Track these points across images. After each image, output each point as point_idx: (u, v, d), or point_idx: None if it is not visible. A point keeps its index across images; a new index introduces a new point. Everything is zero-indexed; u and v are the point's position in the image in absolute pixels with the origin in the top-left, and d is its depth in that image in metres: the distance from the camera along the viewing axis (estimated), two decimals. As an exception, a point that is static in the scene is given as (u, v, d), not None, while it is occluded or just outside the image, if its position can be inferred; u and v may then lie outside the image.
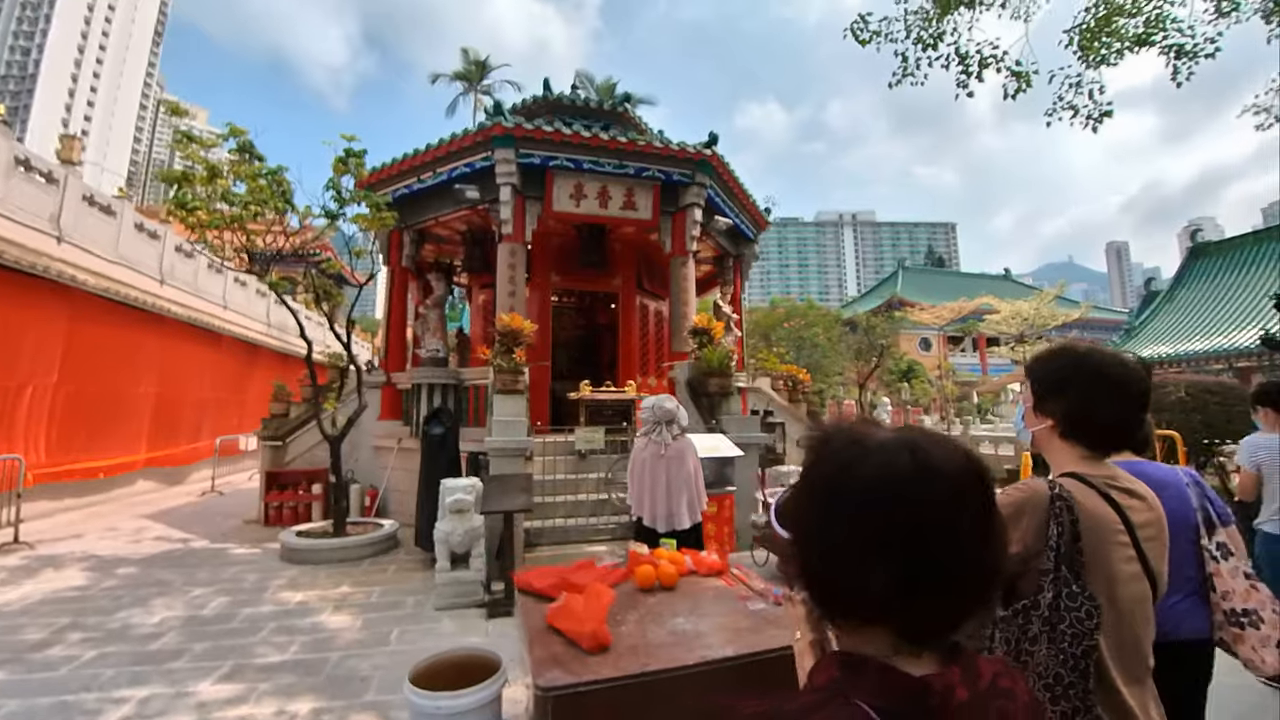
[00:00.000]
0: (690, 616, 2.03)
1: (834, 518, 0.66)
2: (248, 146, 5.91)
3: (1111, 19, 6.64)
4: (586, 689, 1.54)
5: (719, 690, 1.68)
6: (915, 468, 0.65)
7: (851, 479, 0.67)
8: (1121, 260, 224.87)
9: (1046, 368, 1.40)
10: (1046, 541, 1.17)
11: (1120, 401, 1.29)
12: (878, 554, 0.62)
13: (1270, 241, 16.60)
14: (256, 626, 4.21)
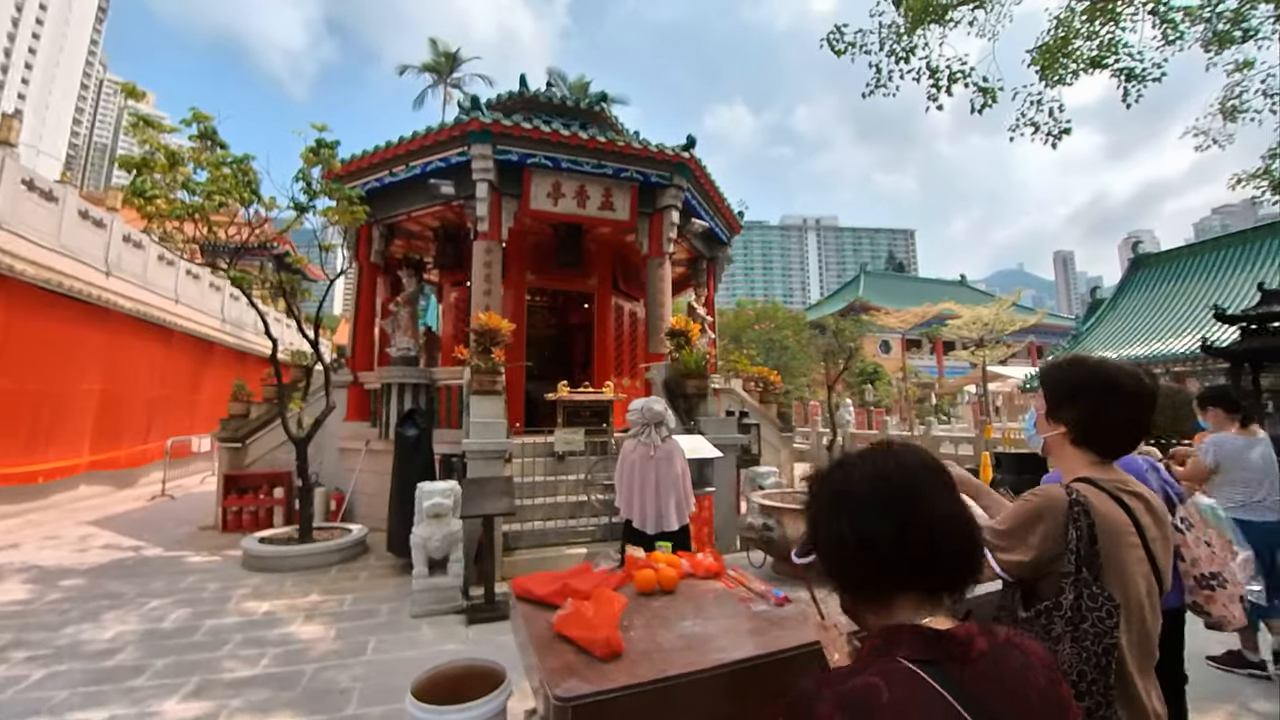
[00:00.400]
0: (697, 620, 2.03)
1: (840, 516, 0.87)
2: (210, 133, 5.62)
3: (1070, 41, 6.97)
4: (606, 697, 1.52)
5: (734, 693, 1.69)
6: (896, 467, 0.88)
7: (848, 490, 0.88)
8: (1068, 268, 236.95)
9: (1060, 377, 1.45)
10: (1066, 545, 1.22)
11: (1131, 410, 1.35)
12: (876, 531, 0.83)
13: (1203, 255, 17.83)
14: (222, 639, 4.00)
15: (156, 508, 9.06)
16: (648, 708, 1.58)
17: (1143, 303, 18.12)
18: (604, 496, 6.27)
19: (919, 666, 0.72)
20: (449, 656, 3.65)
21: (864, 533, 0.83)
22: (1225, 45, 6.92)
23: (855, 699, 0.70)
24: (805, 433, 18.34)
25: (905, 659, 0.73)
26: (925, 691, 0.69)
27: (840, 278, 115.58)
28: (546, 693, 1.55)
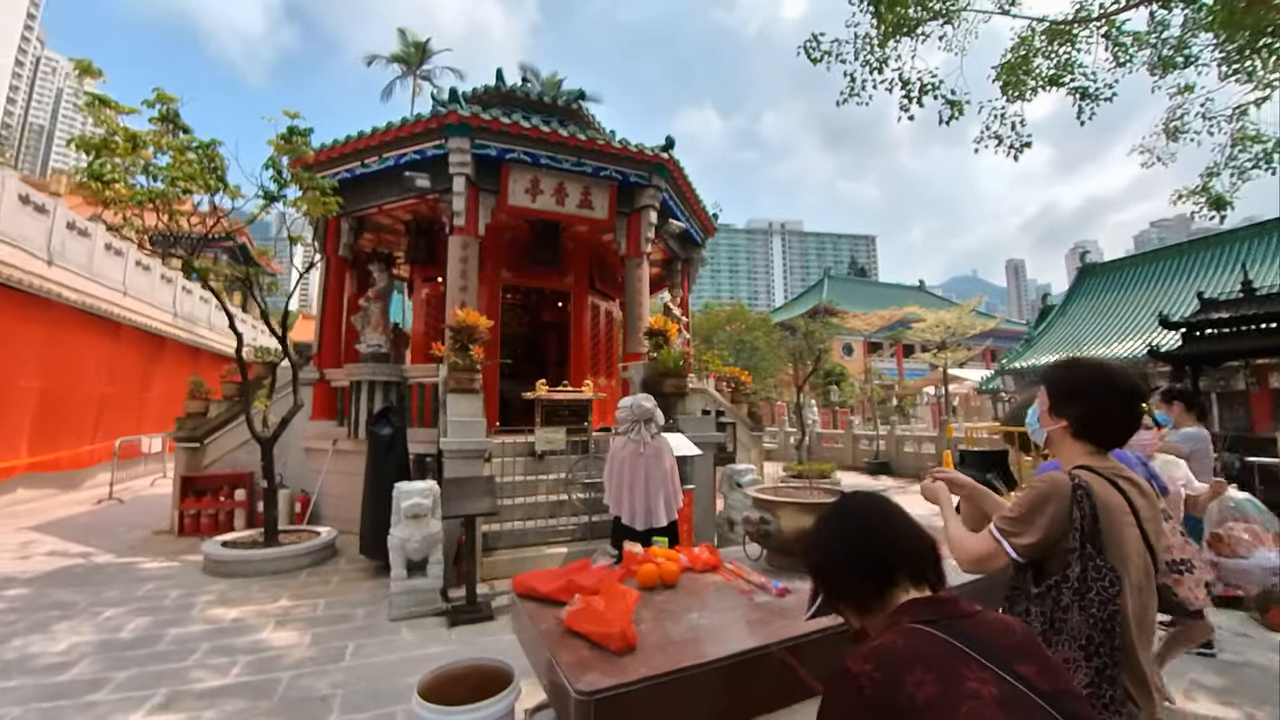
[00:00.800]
0: (703, 612, 2.05)
1: (838, 541, 1.13)
2: (172, 116, 5.35)
3: (1031, 59, 7.31)
4: (627, 690, 1.52)
5: (744, 681, 1.71)
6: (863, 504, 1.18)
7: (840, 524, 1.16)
8: (1019, 276, 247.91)
9: (1064, 377, 1.57)
10: (1071, 523, 1.34)
11: (1127, 407, 1.48)
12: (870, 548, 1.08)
13: (1145, 265, 19.01)
14: (188, 648, 3.81)
15: (104, 511, 8.56)
16: (665, 699, 1.59)
17: (1090, 309, 19.17)
18: (584, 495, 6.25)
19: (922, 625, 0.90)
20: (434, 660, 3.58)
21: (859, 551, 1.09)
22: (1169, 70, 7.38)
23: (878, 651, 0.87)
24: (773, 432, 18.66)
25: (910, 622, 0.92)
26: (931, 639, 0.87)
27: (804, 281, 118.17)
28: (566, 687, 1.54)
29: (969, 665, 0.81)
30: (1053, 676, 0.85)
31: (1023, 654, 0.86)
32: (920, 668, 0.80)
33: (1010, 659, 0.83)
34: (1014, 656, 0.84)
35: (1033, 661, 0.85)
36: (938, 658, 0.82)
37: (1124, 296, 18.36)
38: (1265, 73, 7.04)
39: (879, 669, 0.82)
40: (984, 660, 0.82)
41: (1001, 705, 0.76)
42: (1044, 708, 0.78)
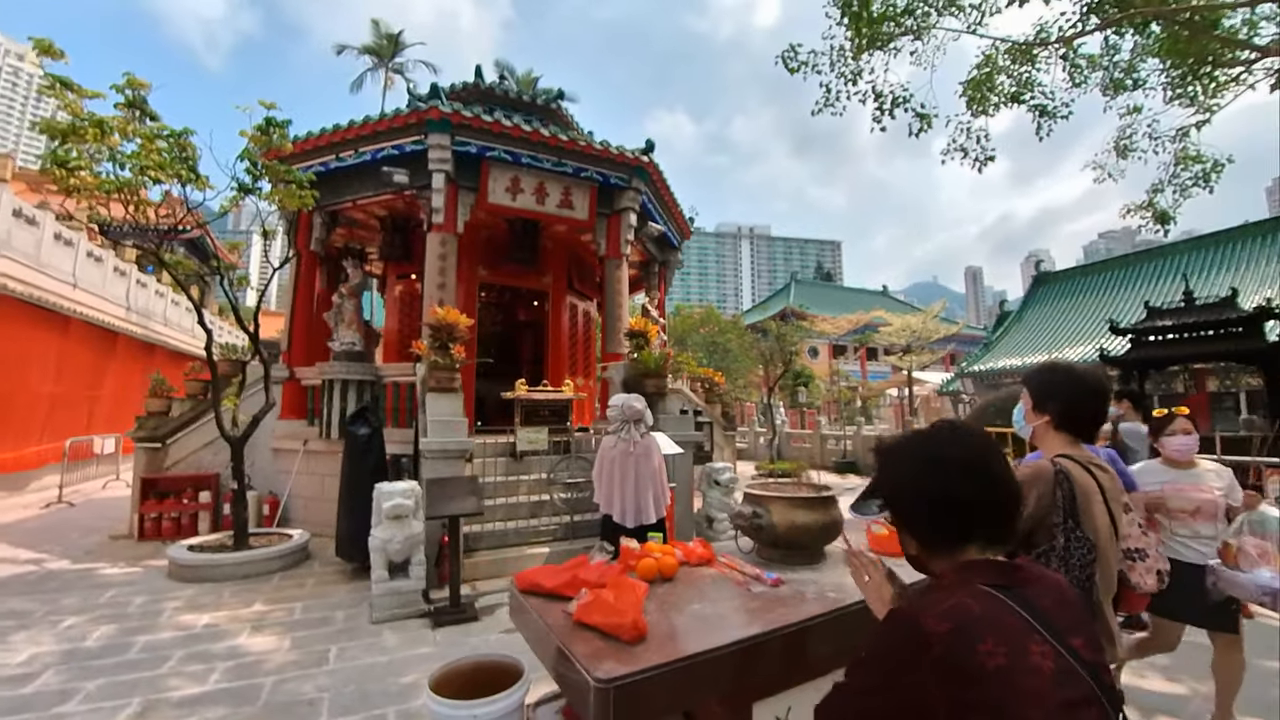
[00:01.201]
0: (704, 602, 2.12)
1: (929, 469, 1.05)
2: (139, 102, 5.14)
3: (994, 76, 7.67)
4: (643, 677, 1.57)
5: (750, 666, 1.79)
6: (956, 424, 1.12)
7: (932, 443, 1.09)
8: (977, 282, 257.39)
9: (1044, 379, 1.83)
10: (1055, 502, 1.58)
11: (1097, 403, 1.74)
12: (960, 489, 1.01)
13: (1096, 274, 20.11)
14: (161, 656, 3.68)
15: (53, 515, 8.12)
16: (677, 684, 1.65)
17: (1045, 315, 20.13)
18: (566, 495, 6.26)
19: (994, 589, 0.92)
20: (421, 661, 3.58)
21: (953, 493, 1.02)
22: (1120, 91, 7.85)
23: (954, 613, 0.88)
24: (743, 432, 18.96)
25: (982, 584, 0.94)
26: (1002, 606, 0.90)
27: (772, 285, 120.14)
28: (584, 676, 1.58)
29: (1033, 638, 0.86)
30: (1095, 649, 0.93)
31: (1076, 627, 0.93)
32: (993, 638, 0.83)
33: (1066, 632, 0.89)
34: (1069, 630, 0.90)
35: (1082, 634, 0.93)
36: (1009, 630, 0.86)
37: (1076, 303, 19.36)
38: (1205, 98, 7.57)
39: (955, 632, 0.84)
40: (1045, 634, 0.87)
41: (1057, 679, 0.83)
42: (1087, 680, 0.86)
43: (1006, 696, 0.80)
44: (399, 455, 6.51)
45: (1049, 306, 20.30)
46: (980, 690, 0.81)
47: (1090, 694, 0.86)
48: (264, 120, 5.29)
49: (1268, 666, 3.41)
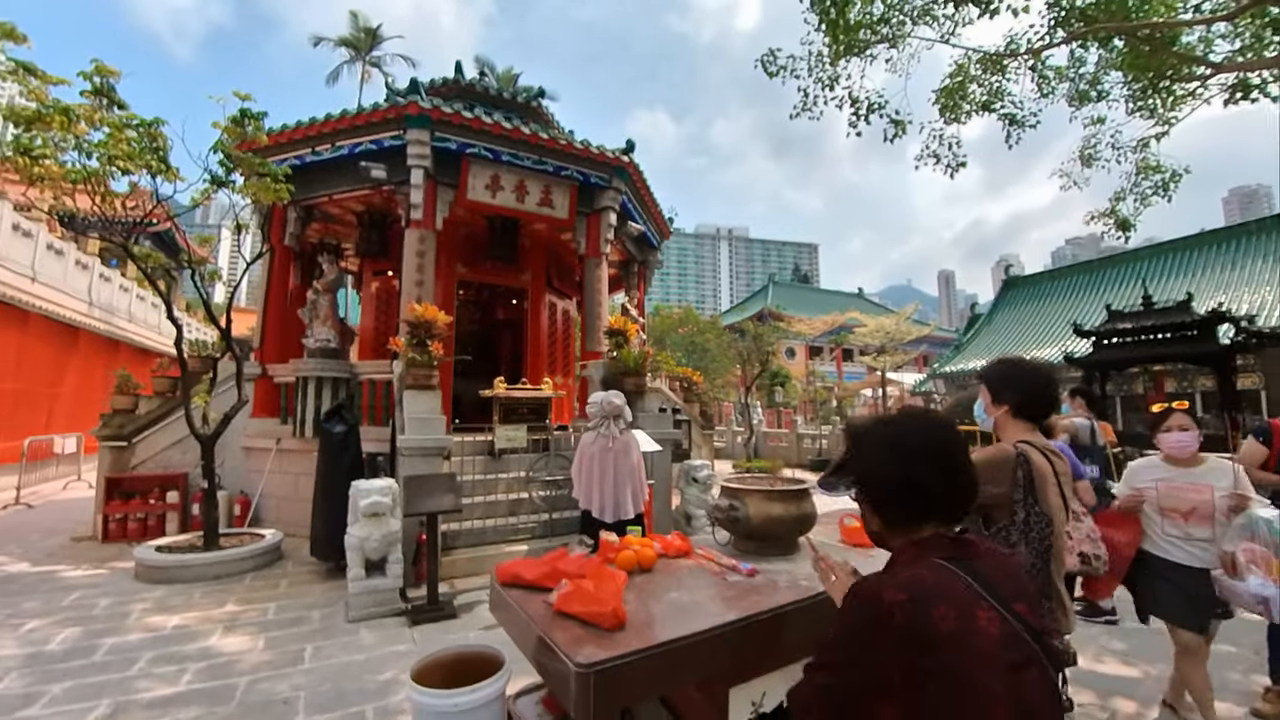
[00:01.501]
0: (681, 591, 2.17)
1: (894, 454, 1.13)
2: (107, 90, 5.01)
3: (966, 85, 7.90)
4: (623, 661, 1.62)
5: (725, 651, 1.85)
6: (925, 413, 1.21)
7: (898, 429, 1.17)
8: (949, 286, 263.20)
9: (1000, 373, 1.99)
10: (1016, 482, 1.73)
11: (1050, 389, 1.91)
12: (924, 474, 1.09)
13: (1062, 279, 20.82)
14: (129, 658, 3.60)
15: (11, 517, 7.81)
16: (655, 669, 1.70)
17: (1013, 318, 20.75)
18: (545, 493, 6.27)
19: (947, 562, 1.02)
20: (399, 659, 3.57)
21: (917, 478, 1.10)
22: (1084, 102, 8.15)
23: (910, 584, 0.97)
24: (721, 431, 19.12)
25: (937, 558, 1.03)
26: (952, 576, 0.99)
27: (750, 286, 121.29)
28: (565, 662, 1.62)
29: (980, 604, 0.95)
30: (1039, 615, 1.02)
31: (1019, 594, 1.02)
32: (945, 604, 0.93)
33: (1010, 599, 0.98)
34: (1013, 597, 1.00)
35: (1026, 600, 1.02)
36: (958, 596, 0.95)
37: (1043, 307, 20.01)
38: (1164, 110, 7.90)
39: (912, 602, 0.93)
40: (992, 601, 0.96)
41: (1002, 642, 0.92)
42: (1030, 643, 0.95)
43: (959, 659, 0.88)
44: (375, 454, 6.44)
45: (1017, 310, 20.94)
46: (935, 656, 0.89)
47: (1033, 655, 0.94)
48: (239, 111, 5.19)
49: (1221, 651, 3.60)
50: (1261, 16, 6.54)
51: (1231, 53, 7.16)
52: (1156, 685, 3.25)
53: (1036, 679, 0.93)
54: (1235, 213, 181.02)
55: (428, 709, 1.90)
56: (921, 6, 7.21)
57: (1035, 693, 0.92)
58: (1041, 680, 0.94)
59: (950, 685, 0.88)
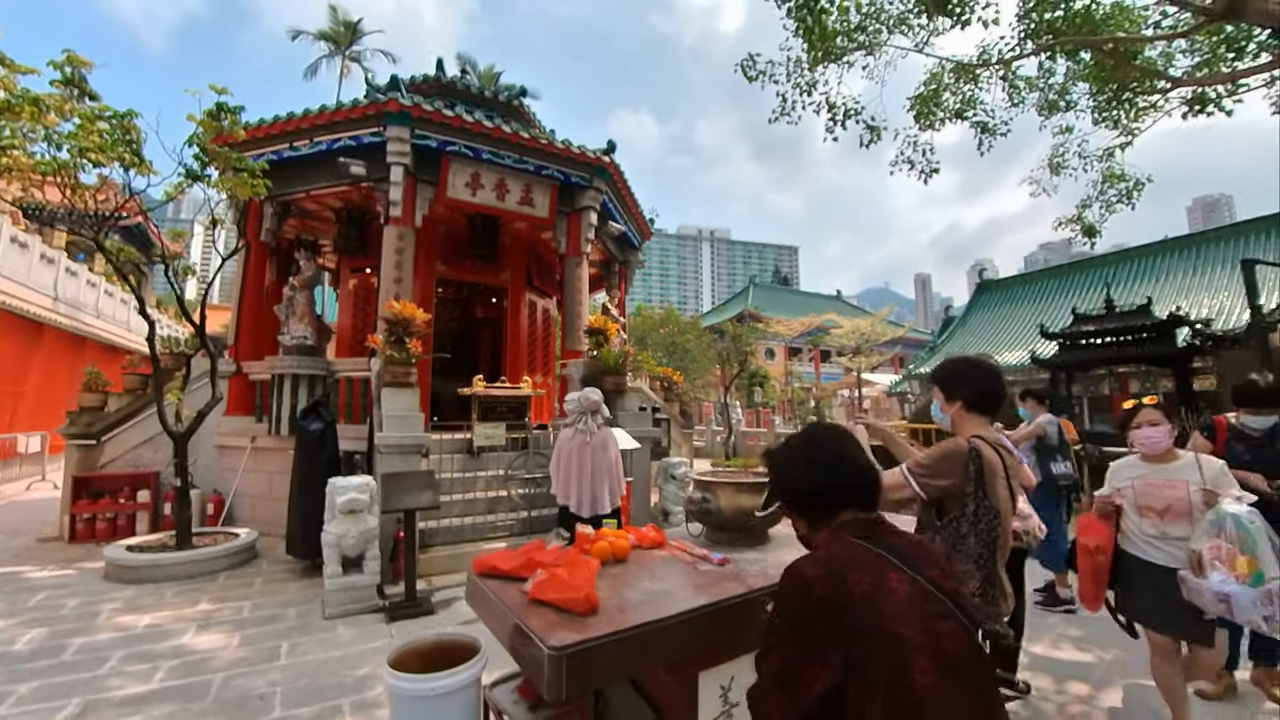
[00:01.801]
0: (654, 580, 2.24)
1: (794, 464, 1.37)
2: (78, 80, 4.91)
3: (940, 93, 8.11)
4: (594, 644, 1.68)
5: (695, 635, 1.92)
6: (835, 437, 1.39)
7: (793, 445, 1.41)
8: (926, 289, 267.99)
9: (952, 370, 2.11)
10: (968, 476, 1.82)
11: (998, 382, 2.03)
12: (833, 475, 1.30)
13: (1032, 283, 21.41)
14: (99, 657, 3.55)
15: (-30, 519, 7.60)
16: (626, 651, 1.77)
17: (986, 321, 21.26)
18: (524, 491, 6.30)
19: (860, 540, 1.16)
20: (377, 654, 3.59)
21: (829, 482, 1.31)
22: (1053, 112, 8.43)
23: (826, 559, 1.13)
24: (701, 430, 19.28)
25: (850, 538, 1.18)
26: (865, 551, 1.13)
27: (731, 287, 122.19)
28: (539, 645, 1.68)
29: (891, 569, 1.08)
30: (952, 579, 1.14)
31: (929, 562, 1.14)
32: (859, 572, 1.06)
33: (920, 566, 1.11)
34: (923, 564, 1.13)
35: (937, 567, 1.15)
36: (870, 564, 1.08)
37: (1014, 310, 20.55)
38: (1128, 121, 8.20)
39: (828, 573, 1.07)
40: (902, 566, 1.09)
41: (913, 600, 1.03)
42: (944, 600, 1.06)
43: (876, 616, 0.99)
44: (352, 452, 6.41)
45: (990, 312, 21.47)
46: (855, 614, 1.00)
47: (948, 610, 1.05)
48: (215, 105, 5.13)
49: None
50: (1217, 34, 6.84)
51: (1190, 67, 7.46)
52: (1110, 669, 3.43)
53: (953, 630, 1.02)
54: (1199, 221, 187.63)
55: (405, 693, 1.94)
56: (897, 15, 7.40)
57: (953, 643, 1.01)
58: (958, 631, 1.03)
59: (873, 640, 0.98)
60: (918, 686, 0.94)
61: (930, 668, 0.96)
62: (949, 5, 6.55)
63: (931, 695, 0.94)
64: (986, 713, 1.01)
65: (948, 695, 0.95)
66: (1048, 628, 4.02)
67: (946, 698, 0.95)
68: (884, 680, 0.96)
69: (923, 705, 0.94)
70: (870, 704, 0.95)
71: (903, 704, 0.94)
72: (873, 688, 0.96)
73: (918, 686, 0.94)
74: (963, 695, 0.97)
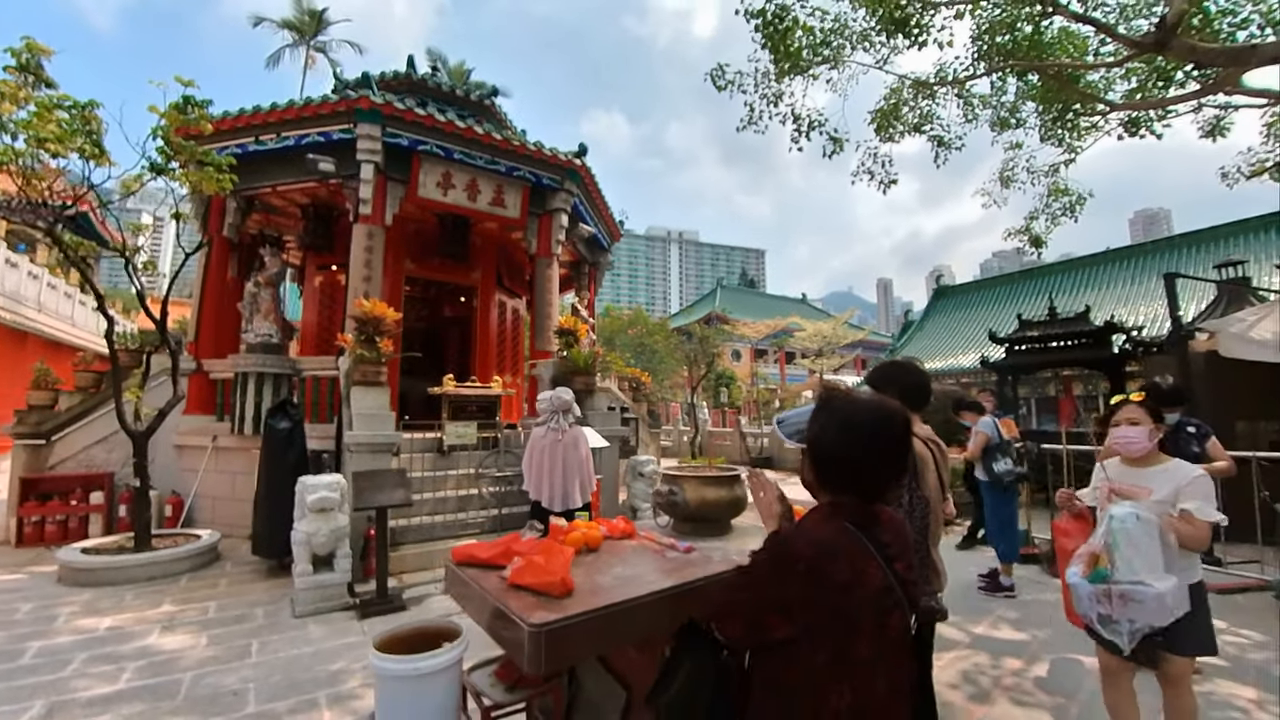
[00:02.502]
0: (624, 566, 2.40)
1: (842, 433, 1.30)
2: (34, 67, 4.77)
3: (899, 108, 8.50)
4: (570, 622, 1.83)
5: (663, 614, 2.08)
6: (886, 409, 1.34)
7: (856, 414, 1.32)
8: (888, 293, 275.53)
9: (879, 375, 2.37)
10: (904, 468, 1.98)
11: (923, 378, 2.30)
12: (858, 455, 1.28)
13: (985, 289, 22.45)
14: (61, 660, 3.49)
15: (-98, 523, 7.18)
16: (599, 629, 1.93)
17: (942, 325, 22.17)
18: (495, 489, 6.36)
19: (852, 526, 1.24)
20: (350, 650, 3.66)
21: (850, 454, 1.29)
22: (1004, 129, 8.93)
23: (819, 542, 1.21)
24: (668, 430, 19.53)
25: (845, 521, 1.25)
26: (854, 538, 1.22)
27: (699, 289, 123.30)
28: (519, 624, 1.81)
29: (872, 560, 1.20)
30: (911, 570, 1.30)
31: (901, 555, 1.28)
32: (843, 559, 1.17)
33: (894, 559, 1.24)
34: (896, 557, 1.26)
35: (905, 559, 1.29)
36: (855, 554, 1.19)
37: (969, 315, 21.49)
38: (1071, 140, 8.76)
39: (816, 554, 1.17)
40: (879, 558, 1.21)
41: (880, 591, 1.19)
42: (899, 592, 1.23)
43: (846, 601, 1.17)
44: (319, 451, 6.35)
45: (947, 316, 22.40)
46: (829, 595, 1.16)
47: (899, 601, 1.24)
48: (182, 98, 5.04)
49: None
50: (1149, 64, 7.40)
51: (1127, 92, 8.03)
52: (1041, 646, 3.75)
53: (898, 619, 1.23)
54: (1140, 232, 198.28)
55: (391, 674, 2.04)
56: (860, 33, 7.74)
57: (894, 629, 1.22)
58: (901, 619, 1.24)
59: (832, 616, 1.16)
60: (857, 656, 1.16)
61: (870, 646, 1.17)
62: (908, 27, 6.90)
63: (866, 663, 1.17)
64: (898, 681, 1.25)
65: (878, 664, 1.19)
66: (988, 610, 4.36)
67: (877, 666, 1.18)
68: (831, 645, 1.16)
69: (859, 667, 1.16)
70: (818, 655, 1.16)
71: (844, 664, 1.16)
72: (821, 647, 1.16)
73: (857, 656, 1.16)
74: (889, 664, 1.21)
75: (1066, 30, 7.65)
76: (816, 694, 1.15)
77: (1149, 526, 2.10)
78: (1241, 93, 6.84)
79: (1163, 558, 2.09)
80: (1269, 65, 5.34)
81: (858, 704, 1.15)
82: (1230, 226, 16.93)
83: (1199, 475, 2.25)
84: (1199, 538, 2.15)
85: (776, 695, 1.22)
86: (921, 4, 6.89)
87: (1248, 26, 6.54)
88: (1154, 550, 2.07)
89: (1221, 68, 5.97)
